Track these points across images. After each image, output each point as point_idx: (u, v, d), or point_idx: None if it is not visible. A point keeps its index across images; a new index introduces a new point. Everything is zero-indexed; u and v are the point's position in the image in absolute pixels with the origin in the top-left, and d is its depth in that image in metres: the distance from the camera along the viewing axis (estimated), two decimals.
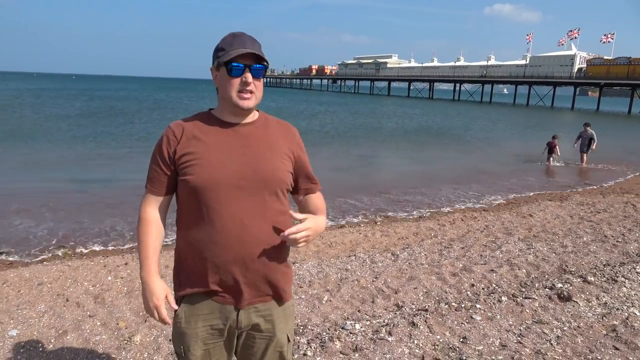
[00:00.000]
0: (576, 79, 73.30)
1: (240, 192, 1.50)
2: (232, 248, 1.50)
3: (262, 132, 1.60)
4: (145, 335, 3.27)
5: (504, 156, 16.13)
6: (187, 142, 1.53)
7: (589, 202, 8.54)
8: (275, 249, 1.56)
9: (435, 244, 5.73)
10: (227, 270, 1.51)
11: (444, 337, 3.29)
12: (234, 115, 1.56)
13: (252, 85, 1.50)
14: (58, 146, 14.12)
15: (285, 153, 1.60)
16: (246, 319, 1.58)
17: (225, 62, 1.49)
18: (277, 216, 1.57)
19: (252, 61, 1.49)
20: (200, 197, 1.49)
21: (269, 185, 1.54)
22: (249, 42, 1.51)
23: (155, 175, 1.58)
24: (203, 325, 1.57)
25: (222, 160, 1.50)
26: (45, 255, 5.32)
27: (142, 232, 1.59)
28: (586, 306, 3.84)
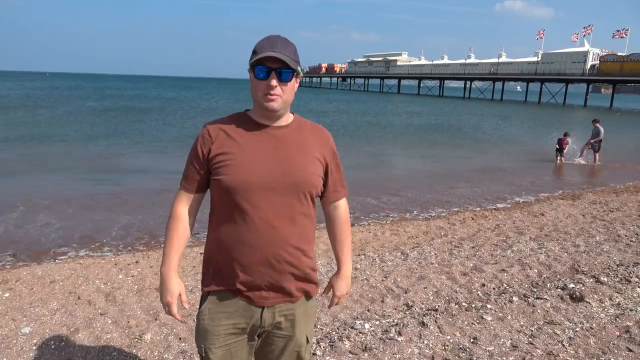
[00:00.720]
0: (589, 76, 72.38)
1: (271, 194, 1.52)
2: (260, 249, 1.53)
3: (295, 135, 1.61)
4: (156, 333, 3.29)
5: (516, 154, 15.99)
6: (221, 142, 1.55)
7: (602, 201, 8.43)
8: (302, 252, 1.60)
9: (446, 243, 5.69)
10: (253, 270, 1.54)
11: (454, 337, 3.27)
12: (265, 117, 1.58)
13: (276, 89, 1.51)
14: (79, 144, 14.27)
15: (317, 157, 1.62)
16: (270, 318, 1.61)
17: (252, 65, 1.52)
18: (304, 219, 1.60)
19: (280, 65, 1.50)
20: (232, 197, 1.52)
21: (300, 188, 1.56)
22: (279, 45, 1.51)
23: (189, 173, 1.62)
24: (227, 323, 1.59)
25: (255, 162, 1.52)
26: (57, 253, 5.37)
27: (170, 228, 1.64)
28: (599, 307, 3.79)
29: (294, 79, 1.56)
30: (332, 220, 1.80)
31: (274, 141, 1.57)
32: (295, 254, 1.58)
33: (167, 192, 8.68)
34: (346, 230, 1.82)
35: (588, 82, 73.70)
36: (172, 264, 1.63)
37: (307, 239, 1.63)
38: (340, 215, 1.79)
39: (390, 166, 13.32)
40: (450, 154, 15.92)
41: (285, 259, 1.56)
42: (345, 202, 1.81)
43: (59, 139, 15.46)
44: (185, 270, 4.59)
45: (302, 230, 1.60)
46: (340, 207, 1.78)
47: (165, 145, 15.02)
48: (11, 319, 3.46)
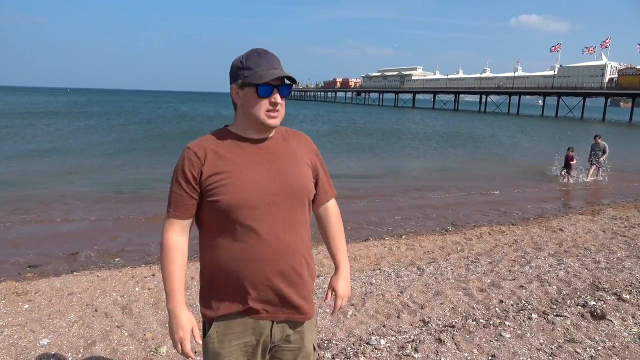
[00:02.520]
0: (607, 90, 71.49)
1: (272, 207, 1.51)
2: (270, 262, 1.51)
3: (282, 145, 1.61)
4: (172, 346, 3.29)
5: (533, 168, 15.79)
6: (212, 162, 1.49)
7: (623, 217, 8.26)
8: (306, 259, 1.61)
9: (462, 259, 5.62)
10: (265, 285, 1.52)
11: (471, 354, 3.21)
12: (258, 132, 1.56)
13: (279, 105, 1.51)
14: (104, 155, 14.54)
15: (306, 163, 1.64)
16: (279, 332, 1.60)
17: (253, 84, 1.48)
18: (304, 226, 1.61)
19: (279, 81, 1.50)
20: (232, 216, 1.48)
21: (299, 196, 1.56)
22: (275, 61, 1.51)
23: (179, 199, 1.53)
24: (237, 344, 1.57)
25: (252, 177, 1.50)
26: (75, 265, 5.44)
27: (167, 261, 1.55)
28: (621, 325, 3.69)
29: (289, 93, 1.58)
30: (324, 221, 1.79)
31: (265, 154, 1.55)
32: (302, 262, 1.58)
33: None
34: (339, 228, 1.81)
35: (606, 96, 72.73)
36: (180, 298, 1.55)
37: (309, 246, 1.64)
38: (332, 214, 1.79)
39: (405, 178, 13.25)
40: (466, 167, 15.80)
41: (295, 269, 1.55)
42: (334, 201, 1.81)
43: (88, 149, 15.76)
44: None
45: (305, 239, 1.60)
46: (331, 206, 1.79)
47: None
48: (30, 330, 3.50)
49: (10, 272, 5.12)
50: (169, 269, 1.55)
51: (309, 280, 1.63)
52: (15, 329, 3.51)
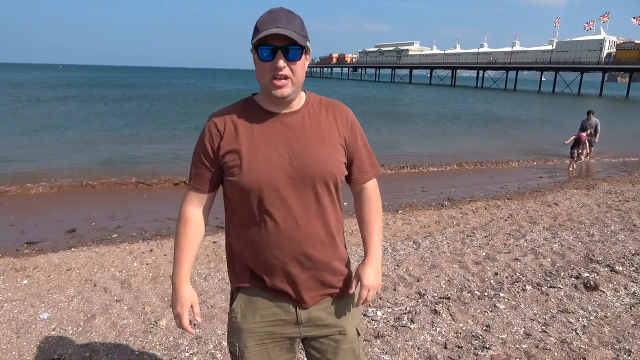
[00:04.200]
0: (605, 65, 71.10)
1: (290, 190, 1.39)
2: (287, 249, 1.42)
3: (309, 120, 1.45)
4: (171, 319, 3.33)
5: (532, 143, 15.80)
6: (230, 137, 1.41)
7: (617, 191, 8.32)
8: (331, 245, 1.49)
9: (458, 233, 5.67)
10: (283, 271, 1.44)
11: (466, 325, 3.27)
12: (274, 103, 1.42)
13: (285, 70, 1.33)
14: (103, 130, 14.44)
15: (337, 141, 1.46)
16: (306, 314, 1.49)
17: (256, 45, 1.34)
18: (330, 210, 1.47)
19: (287, 42, 1.31)
20: (250, 198, 1.40)
21: (320, 179, 1.41)
22: (284, 19, 1.32)
23: (198, 172, 1.47)
24: (261, 321, 1.48)
25: (270, 158, 1.38)
26: (73, 241, 5.46)
27: (179, 233, 1.51)
28: (614, 296, 3.76)
29: (304, 56, 1.37)
30: (359, 202, 1.62)
31: (286, 131, 1.41)
32: (325, 249, 1.46)
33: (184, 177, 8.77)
34: (375, 210, 1.61)
35: (604, 71, 72.42)
36: (184, 272, 1.49)
37: (336, 231, 1.50)
38: (369, 196, 1.60)
39: (403, 154, 13.24)
40: (464, 142, 15.79)
41: (314, 257, 1.44)
42: (375, 182, 1.62)
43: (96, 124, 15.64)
44: (198, 258, 4.64)
45: (329, 223, 1.47)
46: (368, 187, 1.59)
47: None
48: (30, 305, 3.53)
49: (9, 249, 5.13)
50: (178, 240, 1.51)
51: (335, 265, 1.51)
52: (15, 304, 3.54)
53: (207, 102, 30.28)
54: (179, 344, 3.03)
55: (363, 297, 1.56)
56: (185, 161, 10.86)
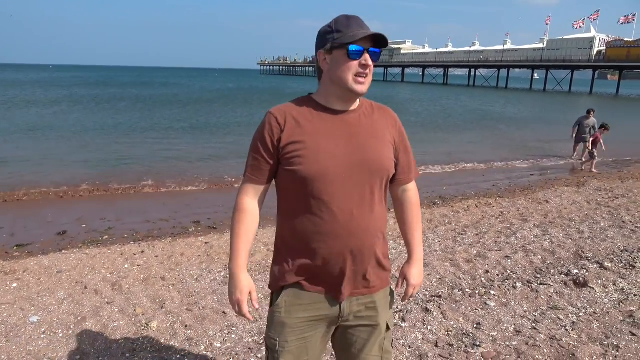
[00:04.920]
0: (595, 62, 71.68)
1: (348, 182, 1.46)
2: (341, 239, 1.46)
3: (366, 119, 1.54)
4: (162, 321, 3.33)
5: (523, 141, 15.90)
6: (292, 130, 1.46)
7: (607, 188, 8.40)
8: (379, 239, 1.55)
9: (449, 231, 5.70)
10: (334, 261, 1.48)
11: (457, 323, 3.29)
12: (343, 101, 1.51)
13: (369, 68, 1.45)
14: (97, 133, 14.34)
15: (389, 140, 1.56)
16: (349, 307, 1.55)
17: (345, 44, 1.42)
18: (381, 205, 1.55)
19: (370, 44, 1.44)
20: (308, 188, 1.44)
21: (376, 174, 1.50)
22: (365, 25, 1.45)
23: (256, 164, 1.52)
24: (304, 316, 1.53)
25: (330, 150, 1.45)
26: (63, 243, 5.42)
27: (237, 222, 1.55)
28: (602, 292, 3.80)
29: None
30: (402, 204, 1.71)
31: (347, 127, 1.50)
32: (375, 242, 1.53)
33: (171, 178, 8.73)
34: (417, 214, 1.72)
35: (594, 69, 73.01)
36: (241, 260, 1.54)
37: (383, 226, 1.58)
38: (411, 198, 1.70)
39: None
40: (458, 139, 15.85)
41: (367, 249, 1.50)
42: (415, 184, 1.72)
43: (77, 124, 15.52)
44: (190, 259, 4.63)
45: (380, 217, 1.54)
46: (410, 190, 1.69)
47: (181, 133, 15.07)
48: (19, 308, 3.50)
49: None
50: (236, 229, 1.55)
51: (382, 258, 1.58)
52: (5, 307, 3.51)
53: (200, 102, 30.19)
54: (170, 346, 3.02)
55: (409, 294, 1.72)
56: (182, 161, 10.84)
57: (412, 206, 1.70)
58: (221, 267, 4.38)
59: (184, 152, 12.14)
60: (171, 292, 3.84)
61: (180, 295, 3.78)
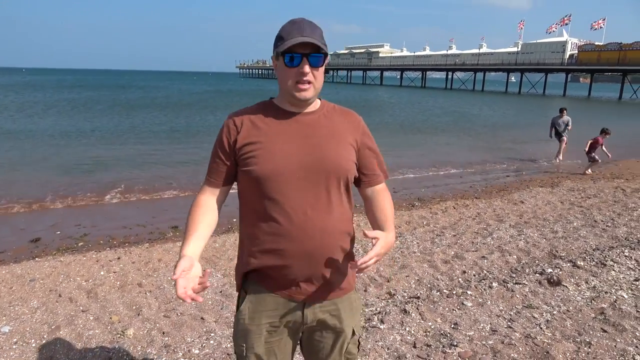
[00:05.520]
0: (568, 66, 73.51)
1: (303, 183, 1.45)
2: (297, 240, 1.45)
3: (324, 120, 1.54)
4: (139, 328, 3.28)
5: (498, 143, 16.19)
6: (248, 131, 1.49)
7: (580, 188, 8.61)
8: (340, 241, 1.52)
9: (428, 232, 5.76)
10: (292, 263, 1.47)
11: (435, 323, 3.33)
12: (293, 105, 1.52)
13: (309, 76, 1.43)
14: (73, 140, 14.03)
15: (349, 142, 1.55)
16: (312, 314, 1.54)
17: (282, 52, 1.42)
18: (340, 207, 1.52)
19: (310, 50, 1.42)
20: (262, 189, 1.45)
21: (333, 175, 1.48)
22: (307, 29, 1.43)
23: (214, 166, 1.55)
24: (267, 322, 1.53)
25: (285, 150, 1.46)
26: (36, 251, 5.30)
27: (189, 215, 1.54)
28: (575, 290, 3.89)
29: (324, 64, 1.49)
30: (372, 204, 1.63)
31: (303, 128, 1.50)
32: (335, 244, 1.50)
33: (151, 182, 8.61)
34: (389, 211, 1.63)
35: (567, 72, 74.88)
36: (188, 248, 1.42)
37: (345, 228, 1.54)
38: (382, 198, 1.63)
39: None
40: (435, 141, 16.04)
41: (324, 250, 1.48)
42: (385, 186, 1.67)
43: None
44: (167, 265, 4.58)
45: (340, 218, 1.51)
46: (380, 190, 1.64)
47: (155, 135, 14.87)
48: None
49: None
50: (188, 222, 1.52)
51: (343, 262, 1.54)
52: None
53: (178, 106, 29.87)
54: (147, 353, 2.98)
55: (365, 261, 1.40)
56: (160, 166, 10.70)
57: (385, 205, 1.62)
58: None
59: (162, 157, 12.00)
60: (148, 298, 3.79)
61: (158, 301, 3.74)
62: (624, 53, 64.73)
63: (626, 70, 64.71)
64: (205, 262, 4.61)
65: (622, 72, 66.33)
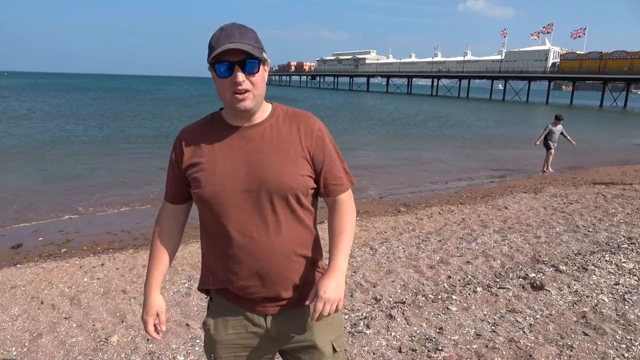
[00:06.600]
0: (550, 74, 74.86)
1: (247, 204, 1.38)
2: (244, 262, 1.41)
3: (270, 132, 1.43)
4: (122, 335, 3.24)
5: (485, 149, 16.38)
6: (192, 151, 1.43)
7: (562, 194, 8.75)
8: (292, 261, 1.44)
9: (413, 238, 5.80)
10: (244, 283, 1.43)
11: (420, 328, 3.35)
12: (237, 117, 1.42)
13: (245, 84, 1.32)
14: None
15: (299, 154, 1.42)
16: (275, 326, 1.48)
17: (211, 63, 1.33)
18: (294, 224, 1.43)
19: (243, 55, 1.31)
20: (209, 210, 1.41)
21: (277, 193, 1.38)
22: (237, 34, 1.32)
23: (167, 183, 1.53)
24: (233, 332, 1.50)
25: (226, 171, 1.38)
26: (18, 257, 5.21)
27: (153, 243, 1.55)
28: (558, 294, 3.95)
29: (262, 68, 1.36)
30: (331, 214, 1.55)
31: (245, 144, 1.41)
32: (287, 264, 1.43)
33: (134, 188, 8.54)
34: (345, 220, 1.51)
35: (549, 80, 76.21)
36: (153, 282, 1.53)
37: (305, 245, 1.47)
38: (340, 206, 1.52)
39: (360, 162, 13.43)
40: (421, 147, 16.18)
41: (275, 271, 1.42)
42: (349, 193, 1.54)
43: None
44: None
45: (291, 238, 1.43)
46: (341, 199, 1.52)
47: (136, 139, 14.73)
48: None
49: None
50: (150, 249, 1.56)
51: (303, 278, 1.48)
52: None
53: (165, 110, 29.66)
54: None
55: (318, 310, 1.38)
56: (145, 170, 10.61)
57: (342, 214, 1.51)
58: (185, 279, 4.31)
59: (148, 161, 11.90)
60: (132, 305, 3.75)
61: (142, 308, 3.69)
62: (604, 62, 66.25)
63: (606, 79, 66.20)
64: (190, 267, 4.59)
65: (602, 80, 67.85)
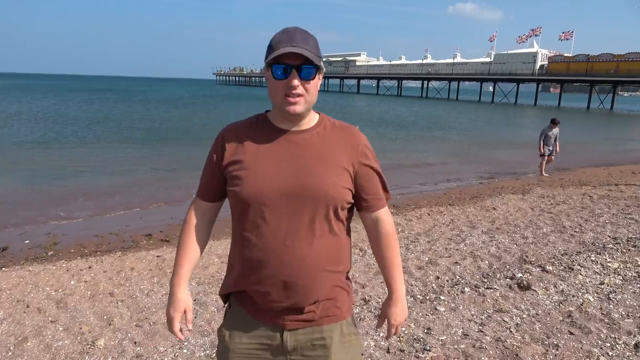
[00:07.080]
0: (538, 76, 75.67)
1: (285, 209, 1.35)
2: (272, 269, 1.37)
3: (318, 140, 1.41)
4: (110, 339, 3.22)
5: (474, 150, 16.49)
6: (235, 149, 1.42)
7: (549, 195, 8.85)
8: (322, 273, 1.40)
9: (402, 239, 5.83)
10: (267, 290, 1.39)
11: (409, 328, 3.37)
12: (285, 120, 1.42)
13: (299, 89, 1.33)
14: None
15: (343, 166, 1.40)
16: (292, 341, 1.43)
17: (270, 63, 1.34)
18: (328, 236, 1.40)
19: (301, 61, 1.31)
20: (245, 210, 1.38)
21: (319, 202, 1.36)
22: (298, 38, 1.33)
23: (203, 180, 1.51)
24: (247, 342, 1.46)
25: (269, 172, 1.36)
26: (3, 260, 5.14)
27: (183, 237, 1.53)
28: (544, 294, 4.00)
29: (317, 76, 1.38)
30: (375, 237, 1.54)
31: (292, 148, 1.39)
32: (314, 275, 1.38)
33: (124, 189, 8.48)
34: (393, 246, 1.54)
35: (538, 82, 77.03)
36: (182, 276, 1.50)
37: (334, 259, 1.43)
38: (384, 229, 1.52)
39: None
40: (411, 148, 16.25)
41: (300, 282, 1.37)
42: (388, 211, 1.55)
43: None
44: (140, 273, 4.51)
45: (323, 250, 1.39)
46: (382, 219, 1.52)
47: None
48: None
49: None
50: (179, 244, 1.54)
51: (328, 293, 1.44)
52: None
53: (155, 112, 29.49)
54: None
55: (391, 333, 1.60)
56: (135, 173, 10.54)
57: (387, 237, 1.53)
58: None
59: (137, 164, 11.82)
60: (120, 308, 3.73)
61: (130, 311, 3.67)
62: (591, 64, 67.21)
63: (593, 81, 67.08)
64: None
65: (589, 82, 68.76)
